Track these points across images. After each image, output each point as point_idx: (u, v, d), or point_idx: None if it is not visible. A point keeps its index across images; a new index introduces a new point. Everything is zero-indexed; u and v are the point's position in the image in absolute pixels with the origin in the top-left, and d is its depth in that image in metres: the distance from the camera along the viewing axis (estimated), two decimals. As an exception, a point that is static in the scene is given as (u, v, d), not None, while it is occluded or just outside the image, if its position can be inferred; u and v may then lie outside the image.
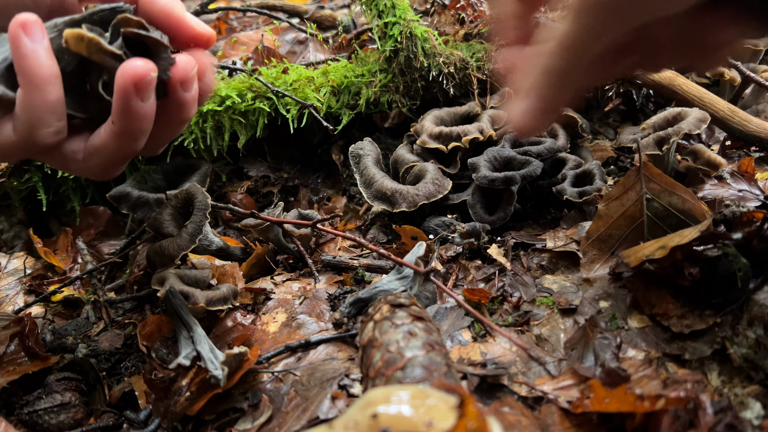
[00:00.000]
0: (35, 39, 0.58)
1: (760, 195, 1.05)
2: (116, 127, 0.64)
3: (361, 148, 1.20)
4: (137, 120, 0.63)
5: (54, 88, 0.60)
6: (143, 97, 0.62)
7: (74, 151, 0.67)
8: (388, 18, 1.29)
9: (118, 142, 0.65)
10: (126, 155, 0.68)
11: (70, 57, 0.62)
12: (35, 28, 0.58)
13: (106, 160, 0.67)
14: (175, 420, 0.77)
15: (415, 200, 1.06)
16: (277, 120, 1.31)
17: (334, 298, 0.96)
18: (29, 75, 0.59)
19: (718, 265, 0.78)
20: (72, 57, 0.62)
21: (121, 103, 0.61)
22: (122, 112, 0.62)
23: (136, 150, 0.68)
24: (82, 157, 0.67)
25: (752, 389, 0.67)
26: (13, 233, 1.33)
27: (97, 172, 0.70)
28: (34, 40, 0.58)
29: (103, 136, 0.65)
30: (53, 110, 0.61)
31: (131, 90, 0.60)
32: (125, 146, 0.66)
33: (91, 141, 0.67)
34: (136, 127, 0.64)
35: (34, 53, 0.58)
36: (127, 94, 0.61)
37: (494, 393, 0.74)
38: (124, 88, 0.60)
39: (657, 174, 0.96)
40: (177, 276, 0.90)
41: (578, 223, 1.04)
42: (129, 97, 0.61)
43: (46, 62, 0.59)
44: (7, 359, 0.88)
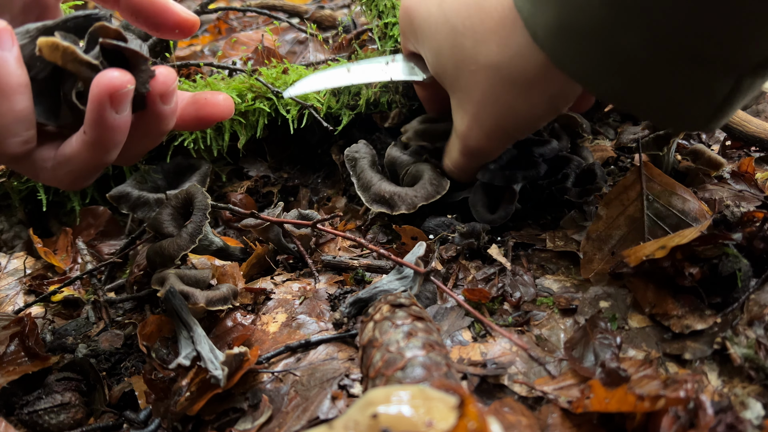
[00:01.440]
0: (4, 47, 0.57)
1: (760, 195, 1.05)
2: (88, 137, 0.62)
3: (356, 151, 1.20)
4: (110, 132, 0.62)
5: (23, 97, 0.59)
6: (118, 109, 0.60)
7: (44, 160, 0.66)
8: (389, 18, 1.29)
9: (90, 152, 0.64)
10: (97, 166, 0.67)
11: (43, 65, 0.61)
12: (4, 35, 0.57)
13: (76, 170, 0.66)
14: (175, 420, 0.77)
15: (414, 202, 1.06)
16: (277, 120, 1.31)
17: (334, 298, 0.96)
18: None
19: (718, 265, 0.78)
20: (45, 65, 0.61)
21: (95, 114, 0.60)
22: (95, 123, 0.61)
23: (107, 161, 0.67)
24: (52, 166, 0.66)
25: (752, 389, 0.67)
26: (13, 233, 1.33)
27: (66, 181, 0.69)
28: (3, 48, 0.57)
29: (74, 145, 0.64)
30: (21, 120, 0.60)
31: (106, 101, 0.59)
32: (96, 157, 0.65)
33: (62, 150, 0.65)
34: (109, 138, 0.63)
35: (4, 62, 0.57)
36: (101, 105, 0.59)
37: (494, 393, 0.74)
38: (98, 99, 0.59)
39: (657, 174, 0.96)
40: (177, 276, 0.90)
41: (578, 223, 1.04)
42: (103, 108, 0.59)
43: (15, 71, 0.58)
44: (7, 359, 0.88)
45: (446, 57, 0.91)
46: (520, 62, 0.80)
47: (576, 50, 0.70)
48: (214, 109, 0.73)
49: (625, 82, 0.69)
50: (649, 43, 0.64)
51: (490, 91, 0.87)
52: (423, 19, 0.94)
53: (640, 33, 0.63)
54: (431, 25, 0.92)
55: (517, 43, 0.79)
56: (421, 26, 0.96)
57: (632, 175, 0.97)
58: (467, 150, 0.99)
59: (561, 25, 0.69)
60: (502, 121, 0.91)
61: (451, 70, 0.92)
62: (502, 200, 1.09)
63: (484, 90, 0.87)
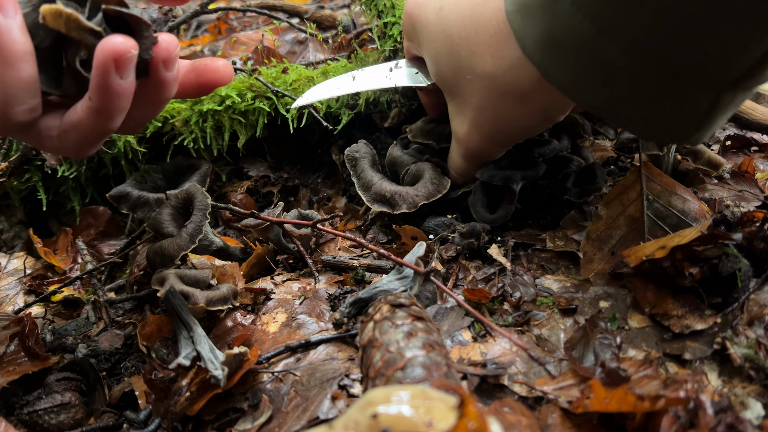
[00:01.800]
0: (8, 15, 0.57)
1: (760, 195, 1.05)
2: (93, 103, 0.63)
3: (356, 151, 1.20)
4: (115, 97, 0.62)
5: (27, 65, 0.59)
6: (123, 74, 0.61)
7: (49, 128, 0.66)
8: (388, 18, 1.29)
9: (95, 119, 0.64)
10: (102, 133, 0.67)
11: (46, 33, 0.61)
12: (7, 3, 0.57)
13: (82, 137, 0.66)
14: (175, 420, 0.77)
15: (415, 201, 1.06)
16: (277, 120, 1.31)
17: (334, 298, 0.96)
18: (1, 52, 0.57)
19: (718, 265, 0.78)
20: (48, 33, 0.61)
21: (100, 80, 0.60)
22: (100, 89, 0.61)
23: (112, 128, 0.67)
24: (57, 134, 0.66)
25: (752, 389, 0.67)
26: (13, 233, 1.33)
27: (72, 149, 0.69)
28: (7, 16, 0.57)
29: (80, 112, 0.64)
30: (27, 88, 0.60)
31: (110, 67, 0.59)
32: (101, 123, 0.65)
33: (67, 117, 0.65)
34: (114, 104, 0.63)
35: (7, 30, 0.57)
36: (106, 70, 0.59)
37: (494, 393, 0.74)
38: (103, 65, 0.59)
39: (657, 174, 0.96)
40: (177, 276, 0.90)
41: (578, 223, 1.04)
42: (108, 73, 0.60)
43: (19, 39, 0.58)
44: (7, 359, 0.88)
45: (444, 64, 0.93)
46: (514, 74, 0.82)
47: (563, 63, 0.71)
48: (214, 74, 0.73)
49: (609, 94, 0.71)
50: (629, 55, 0.65)
51: (486, 99, 0.89)
52: (422, 25, 0.96)
53: (620, 46, 0.65)
54: (430, 32, 0.94)
55: (510, 56, 0.81)
56: (420, 32, 0.97)
57: (632, 175, 0.97)
58: (468, 153, 1.02)
59: (548, 38, 0.71)
60: (500, 127, 0.93)
61: (449, 77, 0.94)
62: (501, 200, 1.09)
63: (481, 98, 0.90)
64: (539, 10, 0.71)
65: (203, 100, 1.27)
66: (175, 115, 1.27)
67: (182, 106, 1.27)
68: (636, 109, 0.72)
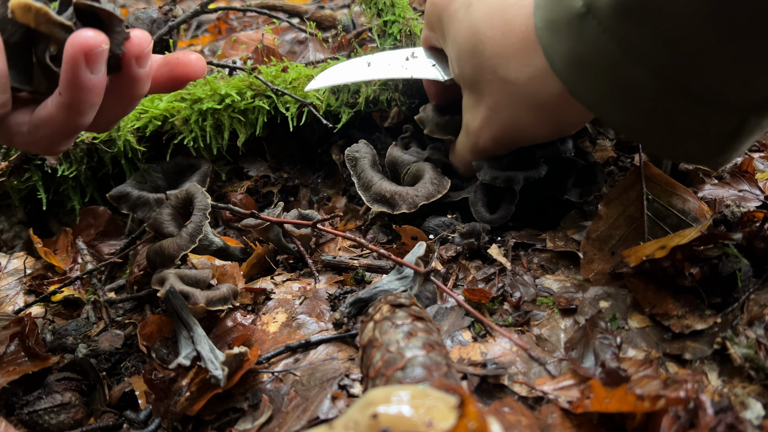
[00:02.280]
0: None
1: (760, 195, 1.05)
2: (63, 98, 0.62)
3: (356, 151, 1.20)
4: (86, 92, 0.62)
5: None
6: (93, 69, 0.60)
7: (19, 124, 0.66)
8: (388, 16, 1.29)
9: (65, 114, 0.64)
10: (73, 129, 0.67)
11: (15, 27, 0.60)
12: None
13: (52, 132, 0.66)
14: (175, 420, 0.77)
15: (415, 201, 1.06)
16: (277, 118, 1.31)
17: (334, 298, 0.96)
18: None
19: (718, 265, 0.78)
20: (16, 27, 0.60)
21: (70, 74, 0.60)
22: (70, 84, 0.61)
23: (83, 124, 0.67)
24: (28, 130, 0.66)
25: (752, 389, 0.67)
26: (13, 233, 1.33)
27: (43, 145, 0.68)
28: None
29: (50, 108, 0.64)
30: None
31: (80, 61, 0.59)
32: (72, 119, 0.64)
33: (37, 113, 0.65)
34: (85, 99, 0.63)
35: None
36: (76, 65, 0.59)
37: (494, 393, 0.74)
38: (73, 59, 0.59)
39: (657, 174, 0.96)
40: (177, 276, 0.90)
41: (578, 223, 1.04)
42: (78, 68, 0.59)
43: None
44: (7, 359, 0.88)
45: (466, 60, 0.93)
46: (536, 85, 0.83)
47: (590, 82, 0.72)
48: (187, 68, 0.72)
49: (633, 114, 0.71)
50: (653, 78, 0.65)
51: (504, 102, 0.90)
52: (449, 18, 0.96)
53: (644, 68, 0.65)
54: (456, 27, 0.94)
55: (536, 66, 0.82)
56: (447, 25, 0.97)
57: (632, 175, 0.97)
58: (475, 148, 1.03)
59: (575, 57, 0.72)
60: (511, 130, 0.95)
61: (469, 74, 0.94)
62: (502, 200, 1.09)
63: (498, 99, 0.91)
64: (566, 28, 0.71)
65: (203, 98, 1.26)
66: (175, 114, 1.27)
67: (182, 105, 1.27)
68: (660, 131, 0.72)
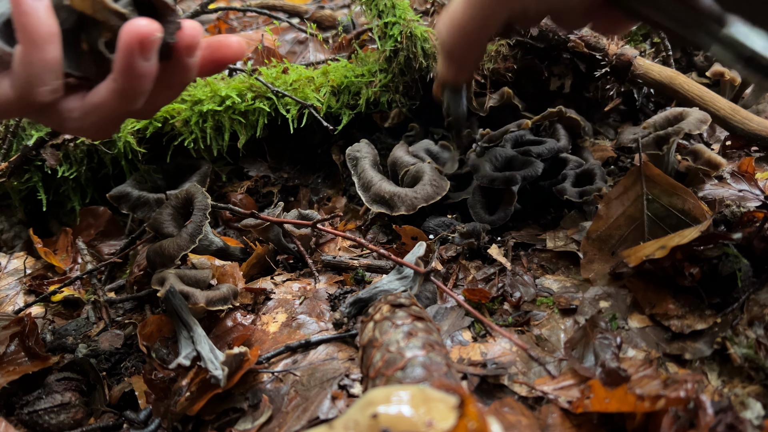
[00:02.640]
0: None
1: (760, 195, 1.05)
2: (117, 85, 0.64)
3: (358, 150, 1.20)
4: (139, 79, 0.64)
5: (53, 46, 0.60)
6: (147, 56, 0.62)
7: (70, 110, 0.67)
8: (388, 18, 1.29)
9: (118, 100, 0.65)
10: (123, 115, 0.69)
11: (68, 14, 0.62)
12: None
13: (103, 118, 0.67)
14: (175, 420, 0.77)
15: (414, 203, 1.06)
16: (277, 120, 1.31)
17: (334, 298, 0.96)
18: (29, 33, 0.58)
19: (718, 265, 0.78)
20: (69, 14, 0.62)
21: (124, 62, 0.61)
22: (124, 71, 0.62)
23: (133, 110, 0.68)
24: (79, 116, 0.67)
25: (752, 389, 0.67)
26: (13, 233, 1.33)
27: (93, 130, 0.70)
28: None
29: (102, 94, 0.65)
30: (51, 68, 0.61)
31: (135, 49, 0.60)
32: (124, 105, 0.66)
33: (90, 99, 0.67)
34: (137, 86, 0.64)
35: (35, 11, 0.58)
36: (131, 52, 0.60)
37: (494, 393, 0.74)
38: (128, 47, 0.60)
39: (657, 174, 0.96)
40: (177, 276, 0.90)
41: (578, 223, 1.04)
42: (132, 55, 0.61)
43: (46, 20, 0.59)
44: (7, 359, 0.88)
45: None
46: None
47: None
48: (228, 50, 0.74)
49: None
50: None
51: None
52: None
53: None
54: None
55: None
56: None
57: (632, 175, 0.97)
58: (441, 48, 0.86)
59: None
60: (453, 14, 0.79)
61: None
62: (501, 201, 1.09)
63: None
64: None
65: (203, 100, 1.27)
66: (175, 115, 1.27)
67: (182, 107, 1.27)
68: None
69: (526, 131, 1.23)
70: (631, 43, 1.44)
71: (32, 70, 0.60)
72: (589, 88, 1.40)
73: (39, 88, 0.62)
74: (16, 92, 0.62)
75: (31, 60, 0.60)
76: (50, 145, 1.25)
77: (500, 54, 1.35)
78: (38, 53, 0.59)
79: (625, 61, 1.27)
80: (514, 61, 1.35)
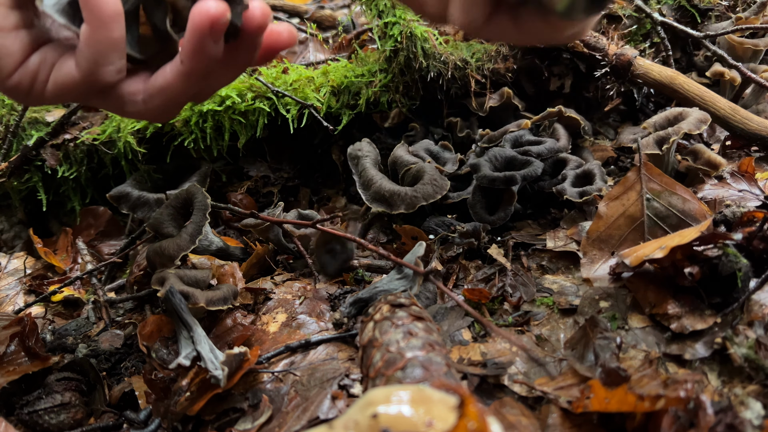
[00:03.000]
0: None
1: (760, 195, 1.05)
2: (185, 67, 0.64)
3: (359, 149, 1.20)
4: (208, 61, 0.63)
5: (118, 25, 0.60)
6: (216, 38, 0.62)
7: (132, 93, 0.67)
8: (388, 18, 1.29)
9: (185, 82, 0.65)
10: (189, 97, 0.69)
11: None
12: None
13: (169, 100, 0.67)
14: (175, 420, 0.77)
15: (414, 202, 1.06)
16: (277, 120, 1.31)
17: (334, 298, 0.96)
18: (96, 12, 0.59)
19: (718, 265, 0.78)
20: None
21: (195, 44, 0.61)
22: (194, 53, 0.62)
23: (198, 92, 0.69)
24: (143, 98, 0.67)
25: (752, 389, 0.67)
26: (13, 233, 1.33)
27: (157, 113, 0.70)
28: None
29: (168, 76, 0.65)
30: (116, 47, 0.62)
31: (207, 30, 0.60)
32: (191, 87, 0.66)
33: (154, 81, 0.66)
34: (206, 68, 0.64)
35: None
36: (202, 34, 0.60)
37: (494, 393, 0.74)
38: (199, 28, 0.60)
39: (657, 174, 0.96)
40: (177, 276, 0.90)
41: (578, 223, 1.04)
42: (204, 37, 0.60)
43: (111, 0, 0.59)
44: (7, 359, 0.88)
45: None
46: None
47: None
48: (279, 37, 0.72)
49: None
50: None
51: None
52: None
53: None
54: None
55: None
56: None
57: (632, 175, 0.97)
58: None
59: None
60: None
61: None
62: (501, 201, 1.09)
63: None
64: None
65: (203, 100, 1.27)
66: (175, 115, 1.27)
67: (182, 106, 1.27)
68: None
69: (526, 131, 1.23)
70: (631, 43, 1.44)
71: (99, 48, 0.60)
72: (588, 88, 1.41)
73: (105, 68, 0.62)
74: (81, 72, 0.62)
75: (98, 39, 0.60)
76: (50, 145, 1.25)
77: (500, 54, 1.35)
78: (104, 32, 0.59)
79: (625, 61, 1.27)
80: (514, 61, 1.35)
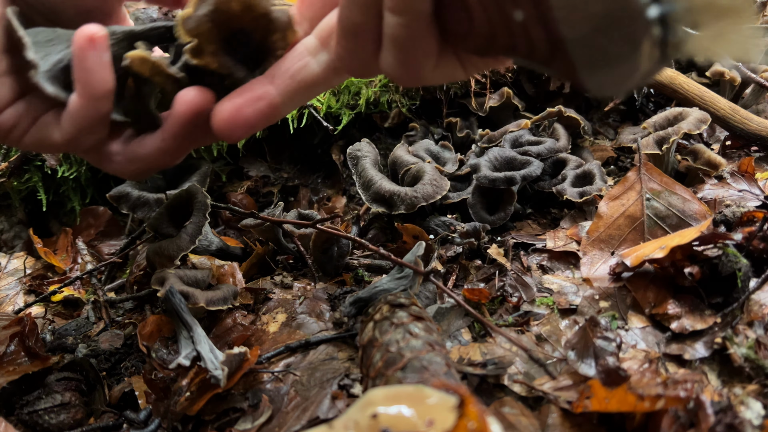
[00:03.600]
0: (101, 53, 0.59)
1: (760, 195, 1.05)
2: (165, 145, 0.66)
3: (359, 149, 1.20)
4: (190, 143, 0.66)
5: (108, 101, 0.62)
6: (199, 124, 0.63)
7: (111, 153, 0.69)
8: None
9: (163, 157, 0.67)
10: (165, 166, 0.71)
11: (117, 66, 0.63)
12: (103, 42, 0.59)
13: (146, 168, 0.69)
14: (175, 420, 0.77)
15: (414, 202, 1.06)
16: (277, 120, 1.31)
17: (334, 298, 0.96)
18: (90, 88, 0.59)
19: (718, 265, 0.78)
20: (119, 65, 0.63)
21: (177, 129, 0.63)
22: (176, 136, 0.64)
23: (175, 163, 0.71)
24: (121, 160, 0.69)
25: (752, 389, 0.67)
26: (13, 233, 1.33)
27: (133, 176, 0.73)
28: (101, 56, 0.59)
29: (149, 149, 0.67)
30: (103, 120, 0.63)
31: (191, 120, 0.62)
32: (169, 161, 0.69)
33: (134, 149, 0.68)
34: (187, 147, 0.67)
35: (99, 68, 0.59)
36: (186, 122, 0.62)
37: (494, 393, 0.74)
38: (184, 117, 0.62)
39: (657, 174, 0.96)
40: (177, 276, 0.90)
41: (578, 223, 1.04)
42: (188, 125, 0.62)
43: (107, 77, 0.60)
44: (7, 359, 0.88)
45: None
46: None
47: None
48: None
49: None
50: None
51: None
52: None
53: None
54: None
55: None
56: None
57: (632, 175, 0.97)
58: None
59: None
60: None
61: None
62: (501, 201, 1.09)
63: None
64: None
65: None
66: (175, 115, 1.27)
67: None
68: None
69: (526, 131, 1.23)
70: (631, 43, 1.44)
71: (86, 122, 0.61)
72: (589, 88, 1.40)
73: (88, 137, 0.63)
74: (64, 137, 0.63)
75: (87, 113, 0.61)
76: (50, 145, 1.25)
77: (500, 54, 1.35)
78: (95, 107, 0.60)
79: (625, 61, 1.27)
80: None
